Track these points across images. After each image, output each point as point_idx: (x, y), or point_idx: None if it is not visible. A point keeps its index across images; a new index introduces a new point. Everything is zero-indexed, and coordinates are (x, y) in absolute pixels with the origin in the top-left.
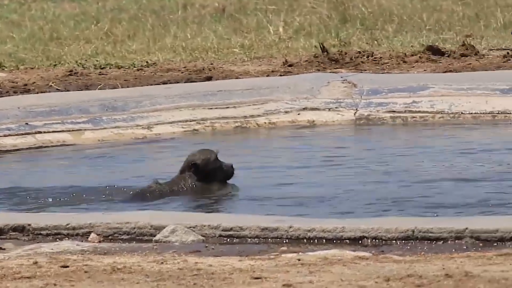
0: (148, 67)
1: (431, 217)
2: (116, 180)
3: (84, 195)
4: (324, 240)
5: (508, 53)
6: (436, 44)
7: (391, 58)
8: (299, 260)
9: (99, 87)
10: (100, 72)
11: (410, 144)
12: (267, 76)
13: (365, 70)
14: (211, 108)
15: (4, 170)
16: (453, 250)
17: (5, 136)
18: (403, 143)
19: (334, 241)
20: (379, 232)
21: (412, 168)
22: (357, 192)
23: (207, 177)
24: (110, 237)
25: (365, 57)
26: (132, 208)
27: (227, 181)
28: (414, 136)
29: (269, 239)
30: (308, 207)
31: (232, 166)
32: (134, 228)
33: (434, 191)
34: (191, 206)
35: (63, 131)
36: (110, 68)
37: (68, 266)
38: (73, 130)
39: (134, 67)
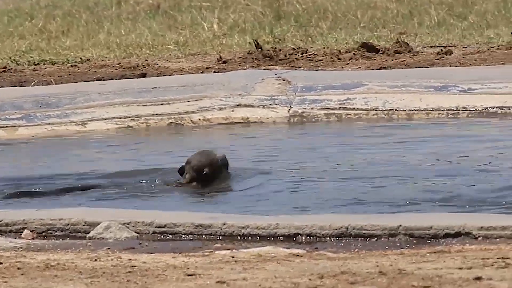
0: (82, 63)
1: (365, 214)
2: (42, 176)
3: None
4: (258, 237)
5: (441, 50)
6: (371, 41)
7: (326, 55)
8: (233, 257)
9: (33, 83)
10: (34, 69)
11: (344, 141)
12: (201, 73)
13: (299, 67)
14: (146, 105)
15: None
16: (387, 247)
17: None
18: (336, 140)
19: (268, 238)
20: (313, 229)
21: (345, 165)
22: (291, 189)
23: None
24: (43, 233)
25: (299, 54)
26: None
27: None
28: (347, 133)
29: (203, 236)
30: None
31: (225, 156)
32: (68, 224)
33: (368, 188)
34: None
35: None
36: (44, 64)
37: (1, 263)
38: (6, 127)
39: (68, 63)
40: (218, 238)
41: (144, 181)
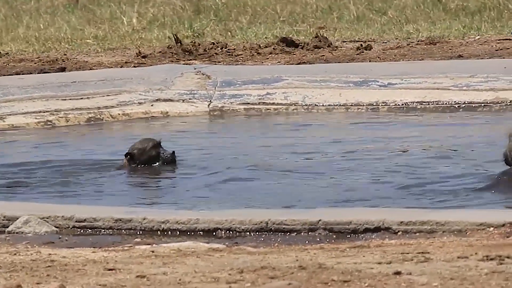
0: (0, 57)
1: (285, 209)
2: None
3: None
4: (178, 232)
5: (361, 45)
6: (290, 36)
7: (245, 49)
8: (153, 251)
9: None
10: None
11: (263, 136)
12: (121, 67)
13: (219, 62)
14: (65, 99)
15: None
16: (307, 242)
17: None
18: (255, 134)
19: (188, 233)
20: (233, 224)
21: (265, 160)
22: (206, 184)
23: (144, 164)
24: None
25: (219, 48)
26: None
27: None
28: (266, 128)
29: (123, 231)
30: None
31: (173, 152)
32: None
33: (287, 183)
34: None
35: None
36: None
37: None
38: None
39: None
40: (138, 233)
41: (67, 175)
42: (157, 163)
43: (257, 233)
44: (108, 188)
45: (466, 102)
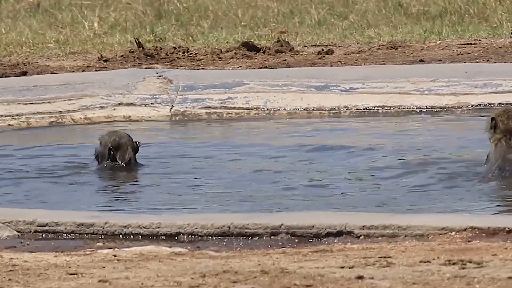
0: None
1: (247, 213)
2: None
3: None
4: (140, 236)
5: (322, 49)
6: (251, 40)
7: (207, 54)
8: (115, 256)
9: None
10: None
11: (223, 140)
12: (82, 71)
13: (181, 66)
14: (26, 103)
15: None
16: (269, 246)
17: None
18: (215, 139)
19: (151, 237)
20: (195, 228)
21: (226, 164)
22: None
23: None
24: None
25: (180, 53)
26: None
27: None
28: (226, 132)
29: (85, 235)
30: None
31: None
32: None
33: (246, 186)
34: None
35: None
36: None
37: None
38: None
39: None
40: (100, 237)
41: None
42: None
43: (220, 237)
44: (71, 192)
45: (427, 107)
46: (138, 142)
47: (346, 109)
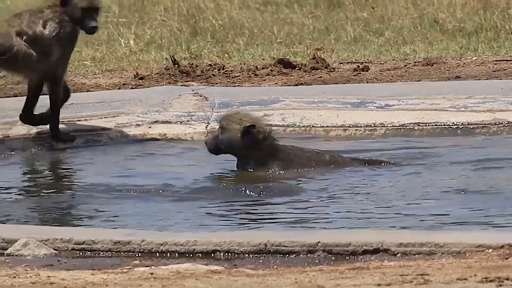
0: None
1: (283, 231)
2: None
3: None
4: (176, 254)
5: (358, 66)
6: (287, 57)
7: (242, 71)
8: (152, 274)
9: None
10: None
11: None
12: (118, 89)
13: (217, 83)
14: (63, 121)
15: None
16: (306, 264)
17: None
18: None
19: (187, 255)
20: (232, 246)
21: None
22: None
23: None
24: None
25: (216, 70)
26: None
27: None
28: None
29: (122, 253)
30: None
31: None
32: None
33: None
34: None
35: None
36: None
37: None
38: None
39: None
40: (137, 255)
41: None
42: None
43: (256, 255)
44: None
45: (463, 123)
46: None
47: (382, 126)
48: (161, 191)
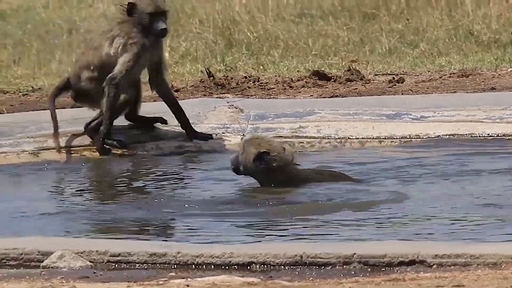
0: (33, 92)
1: (319, 242)
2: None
3: None
4: (212, 266)
5: (393, 78)
6: (322, 69)
7: (277, 83)
8: (187, 286)
9: None
10: None
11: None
12: (154, 101)
13: (252, 95)
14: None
15: None
16: (342, 275)
17: None
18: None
19: (223, 267)
20: (267, 258)
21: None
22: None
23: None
24: None
25: (251, 82)
26: None
27: None
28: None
29: (158, 265)
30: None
31: None
32: (22, 254)
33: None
34: None
35: None
36: None
37: None
38: None
39: (20, 92)
40: (172, 267)
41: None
42: None
43: (292, 266)
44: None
45: (499, 135)
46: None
47: (418, 138)
48: (197, 206)
